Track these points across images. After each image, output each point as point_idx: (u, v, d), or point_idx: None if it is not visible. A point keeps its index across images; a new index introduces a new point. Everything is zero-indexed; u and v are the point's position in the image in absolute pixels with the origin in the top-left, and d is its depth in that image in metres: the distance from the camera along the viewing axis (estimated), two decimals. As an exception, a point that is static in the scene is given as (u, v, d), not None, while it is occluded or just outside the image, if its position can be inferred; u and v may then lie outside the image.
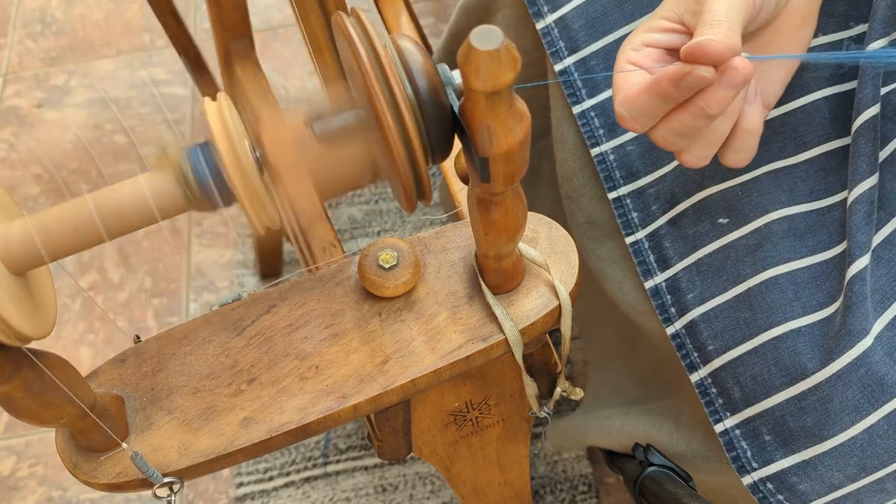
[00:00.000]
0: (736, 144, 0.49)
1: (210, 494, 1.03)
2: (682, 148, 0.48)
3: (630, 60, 0.48)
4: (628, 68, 0.48)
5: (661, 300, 0.55)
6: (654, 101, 0.45)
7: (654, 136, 0.47)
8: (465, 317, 0.50)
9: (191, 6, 1.44)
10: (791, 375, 0.49)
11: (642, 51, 0.48)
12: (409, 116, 0.36)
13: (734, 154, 0.49)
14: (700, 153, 0.48)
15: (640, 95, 0.46)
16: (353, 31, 0.36)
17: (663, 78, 0.44)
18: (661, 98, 0.45)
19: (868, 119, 0.49)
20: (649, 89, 0.45)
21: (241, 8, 0.79)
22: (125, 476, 0.46)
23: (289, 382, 0.49)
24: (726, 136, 0.48)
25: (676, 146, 0.48)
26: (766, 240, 0.52)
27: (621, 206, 0.58)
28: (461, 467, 0.67)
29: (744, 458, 0.52)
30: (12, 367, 0.39)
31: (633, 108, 0.46)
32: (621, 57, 0.48)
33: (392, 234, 1.19)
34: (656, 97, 0.45)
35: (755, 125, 0.48)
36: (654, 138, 0.48)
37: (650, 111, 0.46)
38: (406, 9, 0.82)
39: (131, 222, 0.38)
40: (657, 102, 0.45)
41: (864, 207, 0.48)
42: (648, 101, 0.45)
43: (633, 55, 0.48)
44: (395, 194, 0.40)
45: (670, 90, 0.44)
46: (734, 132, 0.48)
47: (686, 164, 0.49)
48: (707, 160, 0.49)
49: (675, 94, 0.44)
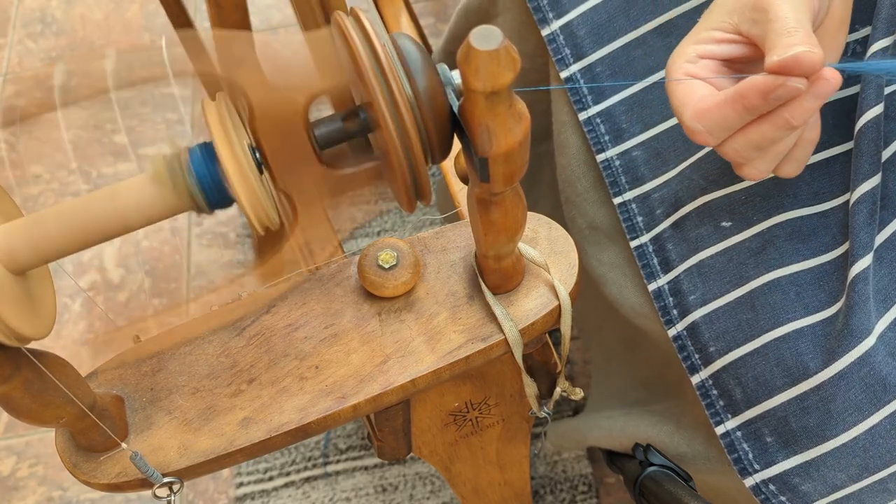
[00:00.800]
0: (796, 154, 0.47)
1: (210, 494, 1.03)
2: (749, 160, 0.46)
3: (688, 73, 0.46)
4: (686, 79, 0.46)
5: (663, 302, 0.55)
6: (738, 114, 0.44)
7: (726, 148, 0.46)
8: (465, 317, 0.50)
9: (191, 6, 1.44)
10: (793, 375, 0.49)
11: (698, 63, 0.47)
12: (408, 116, 0.36)
13: (792, 164, 0.48)
14: (764, 166, 0.47)
15: (718, 108, 0.44)
16: (353, 31, 0.36)
17: (751, 90, 0.42)
18: (746, 111, 0.43)
19: (871, 119, 0.49)
20: (732, 102, 0.44)
21: (241, 8, 0.79)
22: (125, 476, 0.46)
23: (288, 382, 0.49)
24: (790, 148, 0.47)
25: (747, 159, 0.46)
26: (769, 243, 0.52)
27: (626, 210, 0.58)
28: (461, 467, 0.67)
29: (745, 460, 0.52)
30: (12, 367, 0.39)
31: (711, 121, 0.45)
32: (676, 70, 0.47)
33: (392, 234, 1.19)
34: (741, 110, 0.43)
35: (816, 134, 0.47)
36: (724, 151, 0.46)
37: (730, 124, 0.44)
38: (406, 9, 0.82)
39: (131, 222, 0.38)
40: (740, 115, 0.44)
41: (866, 207, 0.48)
42: (730, 114, 0.44)
43: (690, 67, 0.47)
44: (394, 194, 0.40)
45: (758, 103, 0.43)
46: (797, 143, 0.47)
47: (747, 177, 0.48)
48: (767, 173, 0.48)
49: (762, 107, 0.43)
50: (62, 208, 0.37)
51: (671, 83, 0.47)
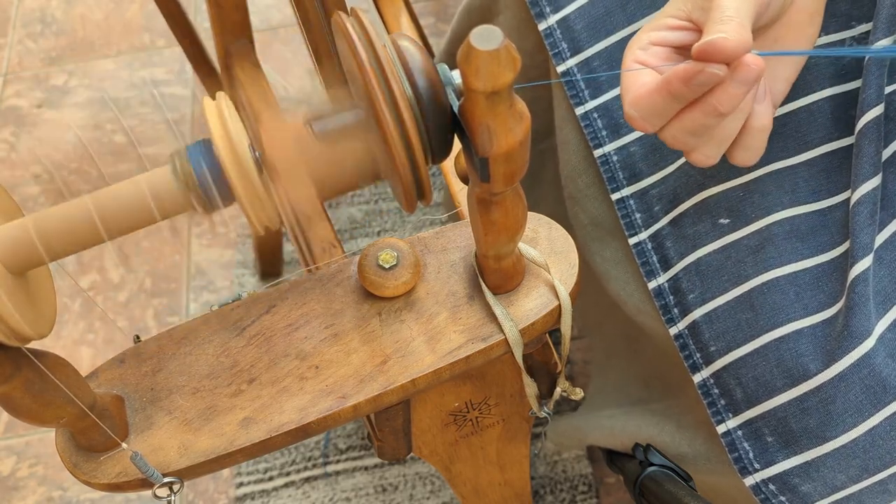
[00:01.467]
0: (746, 142, 0.48)
1: (210, 494, 1.03)
2: (693, 147, 0.47)
3: (637, 59, 0.47)
4: (636, 67, 0.47)
5: (664, 301, 0.55)
6: (665, 101, 0.45)
7: (665, 135, 0.47)
8: (465, 317, 0.50)
9: (191, 6, 1.44)
10: (793, 377, 0.49)
11: (650, 49, 0.47)
12: (408, 116, 0.36)
13: (744, 152, 0.49)
14: (710, 151, 0.48)
15: (650, 95, 0.45)
16: (353, 32, 0.36)
17: (674, 77, 0.43)
18: (673, 97, 0.44)
19: (872, 119, 0.49)
20: (660, 89, 0.45)
21: (241, 8, 0.79)
22: (125, 476, 0.46)
23: (289, 382, 0.49)
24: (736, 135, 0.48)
25: (687, 145, 0.47)
26: (767, 241, 0.52)
27: (624, 207, 0.58)
28: (461, 467, 0.67)
29: (746, 459, 0.52)
30: (12, 367, 0.39)
31: (644, 108, 0.46)
32: (628, 56, 0.48)
33: (392, 234, 1.19)
34: (667, 96, 0.44)
35: (765, 123, 0.48)
36: (664, 138, 0.47)
37: (661, 111, 0.45)
38: (406, 9, 0.82)
39: (131, 222, 0.38)
40: (668, 102, 0.45)
41: (867, 208, 0.48)
42: (659, 100, 0.45)
43: (641, 54, 0.47)
44: (395, 194, 0.40)
45: (682, 89, 0.44)
46: (744, 130, 0.48)
47: (695, 163, 0.48)
48: (716, 159, 0.48)
49: (686, 93, 0.44)
50: (62, 208, 0.37)
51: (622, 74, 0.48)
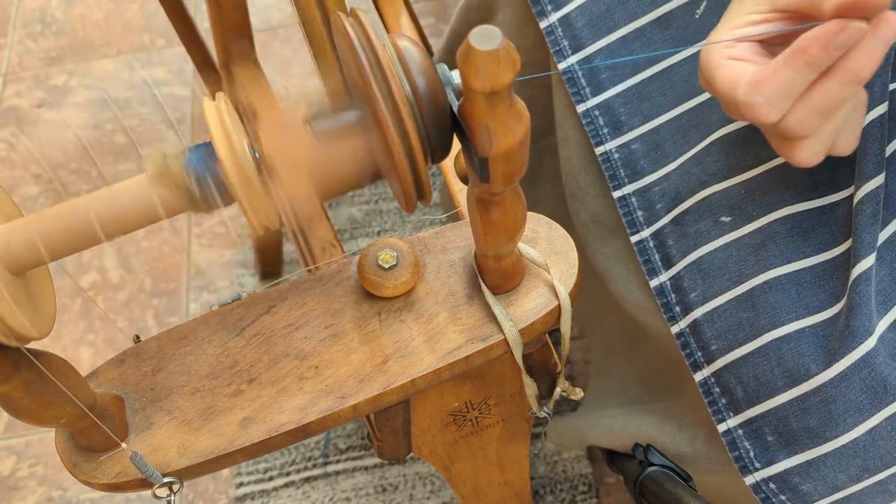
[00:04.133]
0: (853, 124, 0.45)
1: (210, 494, 1.03)
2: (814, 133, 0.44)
3: (729, 56, 0.45)
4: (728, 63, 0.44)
5: (665, 299, 0.55)
6: (799, 74, 0.41)
7: (790, 121, 0.43)
8: (465, 317, 0.50)
9: (191, 6, 1.44)
10: (794, 376, 0.49)
11: (736, 47, 0.45)
12: (408, 117, 0.36)
13: (848, 136, 0.45)
14: (819, 147, 0.45)
15: (777, 73, 0.42)
16: (352, 32, 0.36)
17: (811, 42, 0.40)
18: (808, 66, 0.41)
19: (876, 117, 0.49)
20: (790, 60, 0.41)
21: (241, 8, 0.79)
22: (125, 476, 0.46)
23: (288, 382, 0.49)
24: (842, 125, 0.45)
25: (812, 129, 0.43)
26: (769, 239, 0.52)
27: (626, 204, 0.58)
28: (461, 467, 0.67)
29: (746, 458, 0.52)
30: (12, 367, 0.38)
31: (771, 89, 0.42)
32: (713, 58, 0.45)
33: (392, 234, 1.19)
34: (802, 67, 0.41)
35: (865, 96, 0.45)
36: (787, 125, 0.43)
37: (792, 87, 0.42)
38: (406, 9, 0.82)
39: (131, 222, 0.38)
40: (802, 74, 0.41)
41: (870, 207, 0.48)
42: (790, 75, 0.41)
43: (729, 52, 0.45)
44: (394, 194, 0.40)
45: (820, 54, 0.40)
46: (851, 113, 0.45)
47: (800, 163, 0.45)
48: (822, 155, 0.45)
49: (824, 59, 0.40)
50: (62, 208, 0.37)
51: (712, 72, 0.45)
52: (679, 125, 0.57)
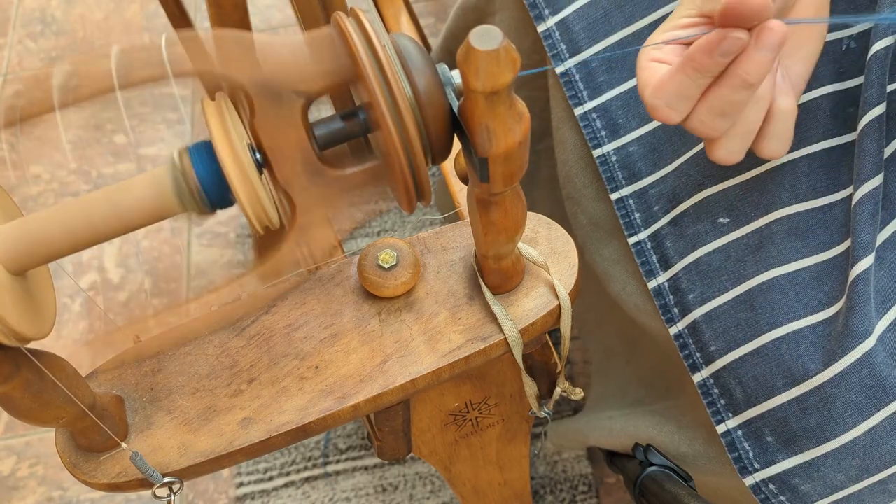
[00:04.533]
0: (772, 130, 0.47)
1: (210, 494, 1.03)
2: (722, 132, 0.46)
3: (652, 59, 0.47)
4: (651, 65, 0.46)
5: (664, 300, 0.55)
6: (690, 79, 0.44)
7: (692, 122, 0.46)
8: (465, 317, 0.50)
9: (191, 6, 1.44)
10: (793, 377, 0.49)
11: (663, 48, 0.47)
12: (408, 117, 0.36)
13: (772, 141, 0.48)
14: (734, 146, 0.47)
15: (672, 78, 0.44)
16: (353, 32, 0.36)
17: (696, 51, 0.43)
18: (697, 72, 0.43)
19: (874, 118, 0.49)
20: (682, 67, 0.44)
21: (241, 8, 0.79)
22: (125, 476, 0.46)
23: (288, 382, 0.49)
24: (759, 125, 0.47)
25: (717, 129, 0.46)
26: (767, 240, 0.52)
27: (624, 206, 0.58)
28: (461, 467, 0.67)
29: (746, 459, 0.52)
30: (12, 367, 0.38)
31: (668, 93, 0.45)
32: (642, 59, 0.47)
33: (392, 234, 1.19)
34: (692, 73, 0.43)
35: (790, 106, 0.47)
36: (691, 125, 0.46)
37: (686, 92, 0.44)
38: (406, 9, 0.82)
39: (131, 222, 0.38)
40: (693, 79, 0.43)
41: (868, 207, 0.48)
42: (683, 79, 0.44)
43: (655, 54, 0.47)
44: (394, 194, 0.40)
45: (705, 61, 0.42)
46: (769, 118, 0.47)
47: (720, 161, 0.47)
48: (741, 154, 0.47)
49: (711, 66, 0.43)
50: (62, 208, 0.37)
51: (637, 73, 0.47)
52: (676, 127, 0.57)
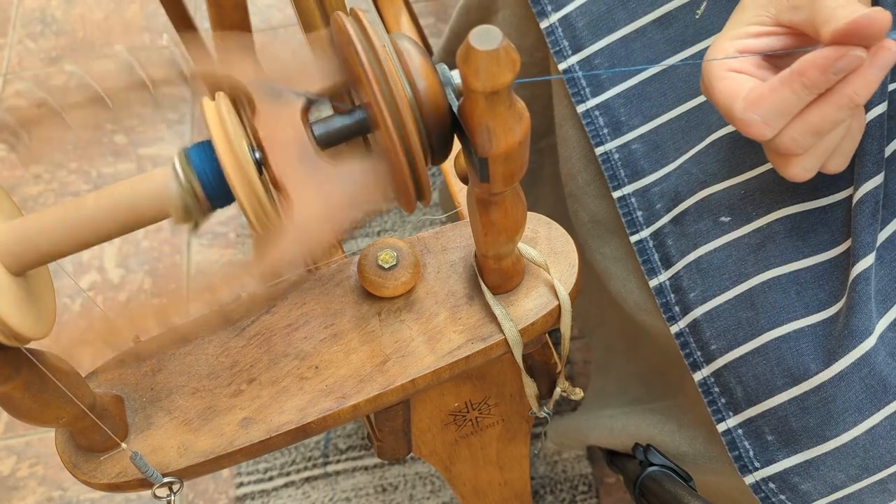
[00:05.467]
0: (845, 146, 0.46)
1: (210, 494, 1.03)
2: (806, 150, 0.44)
3: (730, 69, 0.45)
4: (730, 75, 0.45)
5: (665, 299, 0.55)
6: (796, 95, 0.42)
7: (784, 138, 0.43)
8: (465, 317, 0.50)
9: (191, 6, 1.44)
10: (794, 376, 0.49)
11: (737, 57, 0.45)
12: (408, 117, 0.36)
13: (839, 158, 0.46)
14: (811, 164, 0.45)
15: (774, 92, 0.42)
16: (353, 32, 0.36)
17: (810, 66, 0.41)
18: (805, 89, 0.41)
19: (875, 117, 0.49)
20: (790, 82, 0.42)
21: (241, 8, 0.79)
22: (125, 476, 0.46)
23: (288, 382, 0.49)
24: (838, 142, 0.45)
25: (805, 147, 0.44)
26: (768, 239, 0.52)
27: (626, 204, 0.58)
28: (461, 467, 0.67)
29: (746, 458, 0.52)
30: (12, 367, 0.39)
31: (768, 108, 0.42)
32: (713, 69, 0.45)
33: (392, 234, 1.19)
34: (799, 89, 0.41)
35: (861, 124, 0.46)
36: (781, 141, 0.44)
37: (788, 108, 0.42)
38: (406, 9, 0.82)
39: (131, 222, 0.38)
40: (798, 96, 0.42)
41: (869, 207, 0.48)
42: (788, 95, 0.42)
43: (731, 63, 0.45)
44: (394, 194, 0.40)
45: (818, 78, 0.41)
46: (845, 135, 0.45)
47: (792, 178, 0.46)
48: (814, 172, 0.46)
49: (822, 83, 0.41)
50: (62, 208, 0.37)
51: (712, 83, 0.45)
52: (679, 125, 0.57)
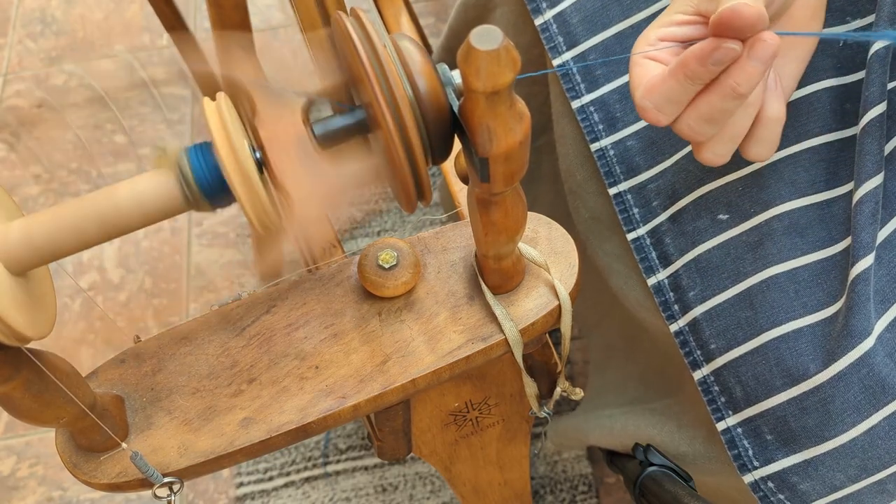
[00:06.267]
0: (760, 135, 0.47)
1: (210, 494, 1.03)
2: (708, 137, 0.46)
3: (646, 56, 0.47)
4: (644, 62, 0.46)
5: (664, 297, 0.55)
6: (680, 85, 0.44)
7: (680, 125, 0.46)
8: (465, 317, 0.50)
9: (191, 6, 1.44)
10: (793, 376, 0.49)
11: (657, 45, 0.47)
12: (409, 117, 0.36)
13: (758, 145, 0.48)
14: (721, 149, 0.47)
15: (663, 82, 0.44)
16: (353, 32, 0.36)
17: (690, 57, 0.43)
18: (688, 79, 0.43)
19: (875, 117, 0.49)
20: (674, 72, 0.44)
21: (241, 8, 0.79)
22: (125, 476, 0.46)
23: (289, 382, 0.49)
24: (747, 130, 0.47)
25: (703, 135, 0.46)
26: (766, 237, 0.52)
27: (622, 201, 0.58)
28: (461, 467, 0.67)
29: (745, 457, 0.52)
30: (12, 367, 0.39)
31: (658, 96, 0.45)
32: (633, 55, 0.47)
33: (392, 234, 1.19)
34: (683, 79, 0.43)
35: (778, 113, 0.47)
36: (678, 129, 0.46)
37: (676, 97, 0.44)
38: (406, 9, 0.82)
39: (131, 222, 0.38)
40: (683, 85, 0.44)
41: (869, 206, 0.48)
42: (674, 85, 0.44)
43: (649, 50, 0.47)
44: (394, 195, 0.40)
45: (698, 69, 0.43)
46: (756, 122, 0.47)
47: (705, 163, 0.48)
48: (727, 157, 0.48)
49: (702, 74, 0.43)
50: (62, 208, 0.37)
51: (630, 69, 0.47)
52: None
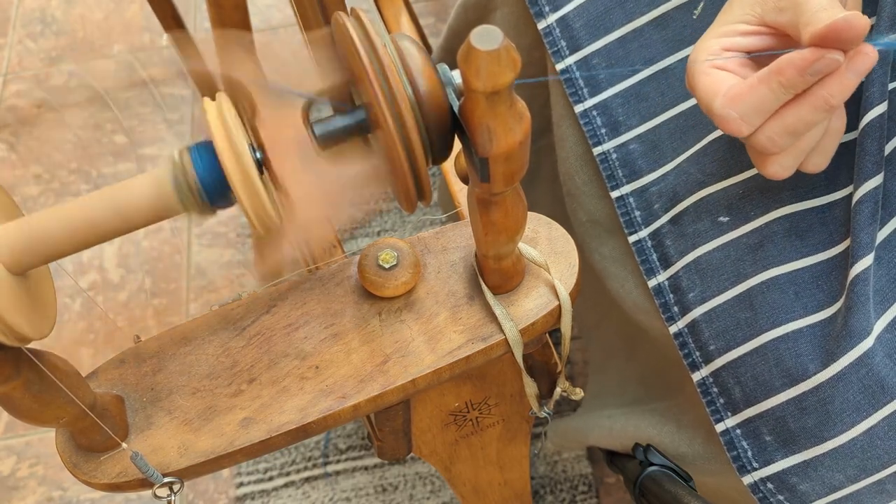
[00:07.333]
0: (825, 145, 0.46)
1: (210, 494, 1.03)
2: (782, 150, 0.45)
3: (714, 65, 0.45)
4: (712, 71, 0.45)
5: (664, 299, 0.55)
6: (773, 94, 0.42)
7: (760, 136, 0.44)
8: (465, 317, 0.50)
9: (191, 6, 1.44)
10: (792, 377, 0.49)
11: (722, 55, 0.46)
12: (409, 117, 0.36)
13: (819, 156, 0.47)
14: (789, 162, 0.46)
15: (752, 90, 0.43)
16: (353, 32, 0.36)
17: (788, 65, 0.41)
18: (783, 88, 0.42)
19: (876, 117, 0.49)
20: (766, 81, 0.42)
21: (241, 8, 0.79)
22: (125, 476, 0.46)
23: (289, 382, 0.49)
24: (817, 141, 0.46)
25: (781, 147, 0.45)
26: (767, 239, 0.52)
27: (624, 204, 0.58)
28: (461, 467, 0.67)
29: (744, 458, 0.52)
30: (12, 367, 0.39)
31: (744, 105, 0.43)
32: (697, 65, 0.46)
33: (392, 234, 1.19)
34: (776, 88, 0.42)
35: (842, 124, 0.46)
36: (756, 140, 0.45)
37: (765, 106, 0.43)
38: (406, 9, 0.82)
39: (131, 222, 0.38)
40: (776, 95, 0.42)
41: (868, 207, 0.48)
42: (766, 94, 0.43)
43: (715, 61, 0.46)
44: (394, 195, 0.40)
45: (795, 78, 0.41)
46: (825, 133, 0.46)
47: (770, 175, 0.46)
48: (793, 170, 0.46)
49: (798, 83, 0.42)
50: (62, 208, 0.37)
51: (695, 78, 0.46)
52: (677, 125, 0.57)
